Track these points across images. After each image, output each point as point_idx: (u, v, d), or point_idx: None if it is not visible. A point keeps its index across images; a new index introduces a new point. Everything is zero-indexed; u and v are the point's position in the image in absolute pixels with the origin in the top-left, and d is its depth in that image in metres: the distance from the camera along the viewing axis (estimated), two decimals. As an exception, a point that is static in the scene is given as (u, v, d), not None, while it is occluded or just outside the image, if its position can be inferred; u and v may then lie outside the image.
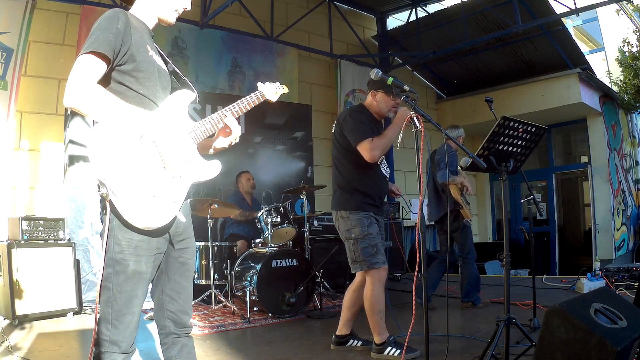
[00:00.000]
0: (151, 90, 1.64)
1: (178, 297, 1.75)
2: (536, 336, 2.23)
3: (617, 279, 5.08)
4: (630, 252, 9.95)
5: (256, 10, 6.85)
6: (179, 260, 1.75)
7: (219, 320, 4.23)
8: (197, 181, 1.70)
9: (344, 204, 3.08)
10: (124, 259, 1.54)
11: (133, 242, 1.55)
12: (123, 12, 1.62)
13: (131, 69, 1.59)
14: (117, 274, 1.54)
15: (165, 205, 1.55)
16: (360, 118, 3.07)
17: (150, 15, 1.73)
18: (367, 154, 2.91)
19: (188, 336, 1.80)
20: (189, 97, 1.74)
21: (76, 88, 1.45)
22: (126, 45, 1.56)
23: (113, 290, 1.54)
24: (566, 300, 2.09)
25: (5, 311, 4.03)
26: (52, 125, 5.38)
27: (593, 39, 13.70)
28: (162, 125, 1.58)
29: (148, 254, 1.58)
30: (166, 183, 1.57)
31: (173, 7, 1.73)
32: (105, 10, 1.64)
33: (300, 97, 7.46)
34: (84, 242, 4.95)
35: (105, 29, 1.53)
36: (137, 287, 1.57)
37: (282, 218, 4.73)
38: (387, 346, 3.00)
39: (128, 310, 1.55)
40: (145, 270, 1.58)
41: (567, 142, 10.92)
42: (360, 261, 3.03)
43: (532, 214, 4.03)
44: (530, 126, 2.70)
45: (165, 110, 1.66)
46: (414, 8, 8.29)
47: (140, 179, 1.50)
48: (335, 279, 5.65)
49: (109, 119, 1.48)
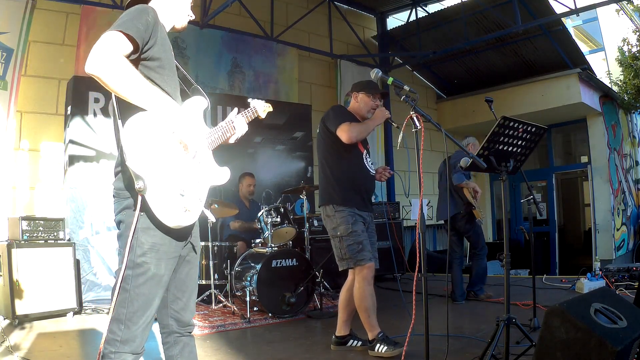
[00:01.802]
0: (172, 89, 1.65)
1: (182, 296, 1.75)
2: (536, 336, 2.23)
3: (617, 279, 5.08)
4: (630, 252, 9.95)
5: (256, 10, 6.85)
6: (186, 259, 1.75)
7: (219, 320, 4.24)
8: (214, 184, 1.74)
9: (328, 198, 3.15)
10: (145, 262, 1.53)
11: (156, 246, 1.54)
12: (153, 8, 1.60)
13: (157, 65, 1.58)
14: (136, 277, 1.52)
15: (193, 202, 1.54)
16: (341, 111, 3.28)
17: (165, 22, 1.73)
18: (345, 135, 3.04)
19: (190, 335, 1.80)
20: (203, 104, 1.76)
21: (103, 56, 1.36)
22: (153, 39, 1.54)
23: (130, 292, 1.52)
24: (566, 300, 2.09)
25: (5, 311, 4.03)
26: (52, 125, 5.38)
27: (593, 39, 13.70)
28: (190, 123, 1.56)
29: (168, 257, 1.58)
30: (194, 181, 1.57)
31: (185, 12, 1.76)
32: (105, 10, 1.66)
33: (300, 97, 7.46)
34: (84, 242, 4.95)
35: (135, 17, 1.50)
36: (155, 291, 1.56)
37: (282, 218, 4.72)
38: (377, 343, 3.02)
39: (143, 313, 1.53)
40: (164, 273, 1.58)
41: (567, 142, 10.92)
42: (347, 258, 3.07)
43: (532, 214, 4.03)
44: (530, 126, 2.69)
45: (188, 111, 1.67)
46: (414, 8, 8.29)
47: (172, 175, 1.49)
48: (335, 279, 5.64)
49: (136, 97, 1.42)
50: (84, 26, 5.43)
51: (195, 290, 1.82)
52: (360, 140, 3.16)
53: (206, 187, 1.68)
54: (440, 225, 9.12)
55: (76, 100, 5.15)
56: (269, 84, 7.08)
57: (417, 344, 2.92)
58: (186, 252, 1.74)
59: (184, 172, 1.55)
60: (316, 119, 7.52)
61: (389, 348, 2.96)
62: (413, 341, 3.03)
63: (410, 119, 2.40)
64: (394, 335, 3.11)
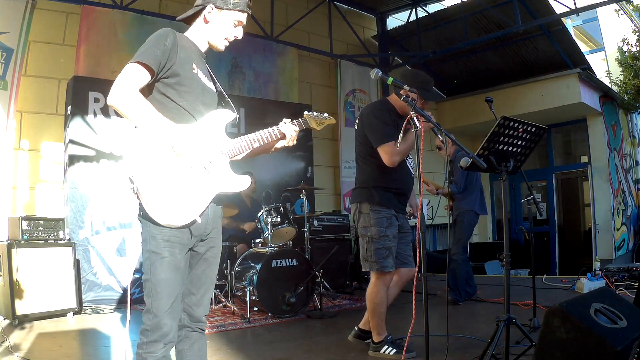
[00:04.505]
0: (191, 104, 1.77)
1: (197, 292, 1.84)
2: (536, 336, 2.23)
3: (617, 279, 5.08)
4: (630, 252, 9.95)
5: (256, 10, 6.75)
6: (204, 256, 1.84)
7: (219, 320, 4.24)
8: (225, 192, 1.83)
9: (368, 198, 3.05)
10: (159, 250, 1.66)
11: (166, 235, 1.67)
12: (172, 31, 1.77)
13: (174, 82, 1.73)
14: (153, 264, 1.66)
15: (185, 207, 1.67)
16: (383, 117, 3.02)
17: (202, 40, 1.89)
18: (388, 158, 2.91)
19: (201, 332, 1.87)
20: (227, 116, 1.90)
21: (120, 90, 1.61)
22: (171, 61, 1.71)
23: (152, 280, 1.66)
24: (566, 300, 2.09)
25: (5, 311, 4.03)
26: (52, 125, 5.38)
27: (593, 39, 13.70)
28: (193, 138, 1.69)
29: (181, 244, 1.70)
30: (189, 188, 1.69)
31: (223, 35, 1.88)
32: (105, 10, 1.70)
33: (300, 97, 7.46)
34: (84, 242, 4.95)
35: (154, 44, 1.70)
36: (174, 276, 1.68)
37: (282, 218, 4.72)
38: (384, 345, 3.01)
39: (167, 300, 1.65)
40: (180, 259, 1.70)
41: (567, 142, 10.91)
42: (371, 261, 3.02)
43: (532, 214, 4.03)
44: (530, 126, 2.69)
45: (202, 125, 1.80)
46: (414, 8, 8.29)
47: (164, 181, 1.65)
48: (335, 279, 5.65)
49: (143, 125, 1.63)
50: (84, 26, 5.43)
51: (210, 288, 1.90)
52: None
53: (210, 194, 1.77)
54: (441, 225, 9.12)
55: (76, 100, 5.15)
56: (269, 84, 7.07)
57: (417, 344, 2.93)
58: (203, 250, 1.83)
59: (178, 180, 1.67)
60: (316, 119, 7.52)
61: (398, 351, 2.93)
62: (413, 342, 3.04)
63: (410, 119, 2.40)
64: (391, 335, 3.11)
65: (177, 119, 1.71)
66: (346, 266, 5.86)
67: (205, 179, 1.73)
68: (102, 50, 5.49)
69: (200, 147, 1.69)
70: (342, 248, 5.92)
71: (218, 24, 1.85)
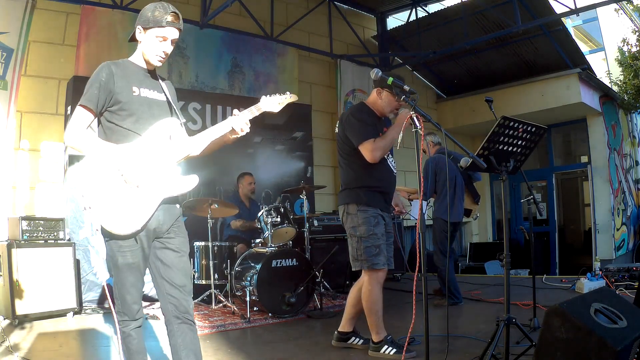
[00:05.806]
0: (134, 124, 2.02)
1: (174, 281, 2.05)
2: (536, 336, 2.23)
3: (617, 279, 5.08)
4: (630, 252, 9.95)
5: (256, 10, 6.84)
6: (168, 247, 2.06)
7: (219, 320, 4.24)
8: (172, 195, 2.05)
9: (355, 198, 3.07)
10: (114, 256, 1.99)
11: (117, 243, 1.96)
12: (107, 65, 2.02)
13: (117, 109, 2.01)
14: (113, 266, 2.01)
15: (132, 217, 1.94)
16: (363, 117, 3.09)
17: (142, 58, 2.11)
18: (369, 154, 2.95)
19: (191, 324, 2.05)
20: (170, 125, 2.10)
21: (70, 133, 1.98)
22: (110, 93, 1.99)
23: (114, 278, 2.02)
24: (566, 300, 2.09)
25: (5, 311, 4.03)
26: (52, 125, 5.38)
27: (593, 39, 13.70)
28: (130, 156, 1.95)
29: (132, 248, 1.97)
30: (133, 200, 1.94)
31: (153, 52, 2.07)
32: (105, 10, 1.73)
33: (300, 97, 7.40)
34: (84, 242, 4.95)
35: (91, 84, 2.00)
36: (128, 275, 2.00)
37: (282, 218, 4.72)
38: (384, 344, 3.01)
39: (126, 292, 2.00)
40: (132, 261, 1.98)
41: (567, 142, 10.92)
42: (362, 260, 3.04)
43: (532, 214, 4.03)
44: (530, 126, 2.70)
45: (145, 139, 2.02)
46: (414, 8, 8.28)
47: (109, 197, 1.91)
48: (335, 279, 5.65)
49: (94, 155, 1.95)
50: (84, 26, 5.42)
51: (188, 277, 2.10)
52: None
53: (155, 201, 2.00)
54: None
55: (76, 100, 5.01)
56: (269, 84, 7.07)
57: (417, 345, 2.93)
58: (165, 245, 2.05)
59: (122, 195, 1.92)
60: (316, 119, 7.54)
61: (398, 351, 2.94)
62: (413, 339, 3.04)
63: (410, 119, 2.41)
64: (391, 335, 3.11)
65: (122, 139, 1.98)
66: (346, 266, 5.85)
67: (148, 189, 1.96)
68: (102, 50, 5.48)
69: (136, 163, 1.94)
70: (342, 248, 5.87)
71: (147, 43, 2.06)
